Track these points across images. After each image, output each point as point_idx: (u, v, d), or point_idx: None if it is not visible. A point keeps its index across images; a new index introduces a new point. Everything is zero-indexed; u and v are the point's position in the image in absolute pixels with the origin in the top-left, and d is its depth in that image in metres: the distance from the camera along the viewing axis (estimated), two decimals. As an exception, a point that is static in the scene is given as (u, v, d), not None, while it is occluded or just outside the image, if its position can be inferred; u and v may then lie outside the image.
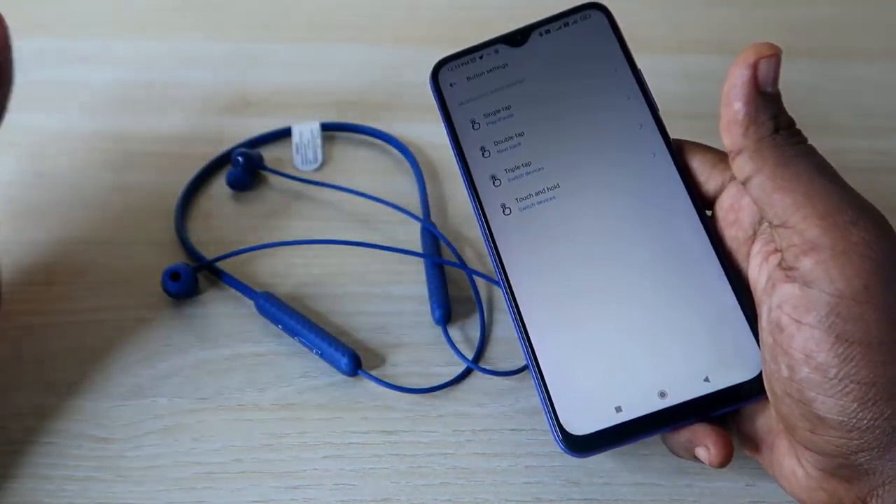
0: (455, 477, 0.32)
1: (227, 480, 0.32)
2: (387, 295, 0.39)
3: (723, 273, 0.28)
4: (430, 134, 0.48)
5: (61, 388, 0.35)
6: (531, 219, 0.31)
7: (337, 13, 0.59)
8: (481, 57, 0.34)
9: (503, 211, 0.31)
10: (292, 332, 0.36)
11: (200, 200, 0.44)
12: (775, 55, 0.25)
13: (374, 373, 0.35)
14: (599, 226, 0.30)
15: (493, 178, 0.32)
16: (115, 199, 0.44)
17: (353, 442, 0.33)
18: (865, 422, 0.24)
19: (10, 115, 0.36)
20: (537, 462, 0.33)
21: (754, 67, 0.25)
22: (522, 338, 0.29)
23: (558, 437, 0.28)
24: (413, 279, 0.39)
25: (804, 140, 0.25)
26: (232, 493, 0.32)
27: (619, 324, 0.29)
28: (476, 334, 0.37)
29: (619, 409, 0.28)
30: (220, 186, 0.45)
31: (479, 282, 0.39)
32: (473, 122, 0.33)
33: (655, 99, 0.33)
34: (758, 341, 0.27)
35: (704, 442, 0.28)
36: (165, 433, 0.34)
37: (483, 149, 0.32)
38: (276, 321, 0.37)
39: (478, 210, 0.31)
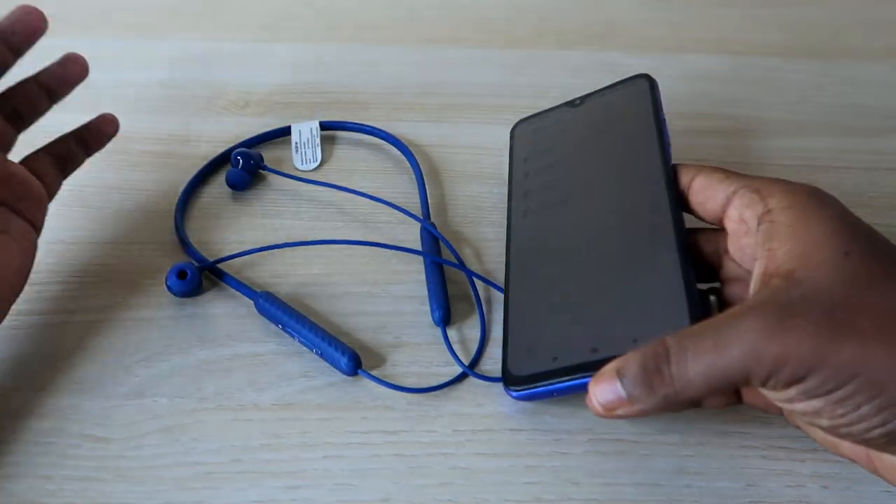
0: (455, 477, 0.32)
1: (227, 480, 0.32)
2: (387, 295, 0.39)
3: (676, 257, 0.32)
4: (430, 134, 0.48)
5: (61, 388, 0.35)
6: (540, 217, 0.38)
7: (337, 13, 0.59)
8: (548, 116, 0.43)
9: (524, 215, 0.39)
10: (292, 332, 0.36)
11: (200, 200, 0.44)
12: (595, 384, 0.29)
13: (374, 373, 0.35)
14: (586, 227, 0.36)
15: (527, 192, 0.40)
16: (115, 199, 0.44)
17: (353, 442, 0.33)
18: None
19: (10, 115, 0.37)
20: (537, 462, 0.33)
21: (603, 405, 0.28)
22: (505, 297, 0.36)
23: (502, 377, 0.33)
24: (413, 279, 0.39)
25: (665, 360, 0.27)
26: (232, 493, 0.32)
27: (574, 292, 0.33)
28: (475, 334, 0.37)
29: (555, 359, 0.31)
30: (220, 186, 0.45)
31: (479, 282, 0.39)
32: (526, 159, 0.42)
33: (669, 132, 0.38)
34: (690, 311, 0.30)
35: None
36: (165, 433, 0.34)
37: (526, 173, 0.41)
38: (275, 321, 0.37)
39: (509, 214, 0.39)
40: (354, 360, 0.35)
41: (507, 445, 0.33)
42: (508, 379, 0.32)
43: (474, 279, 0.39)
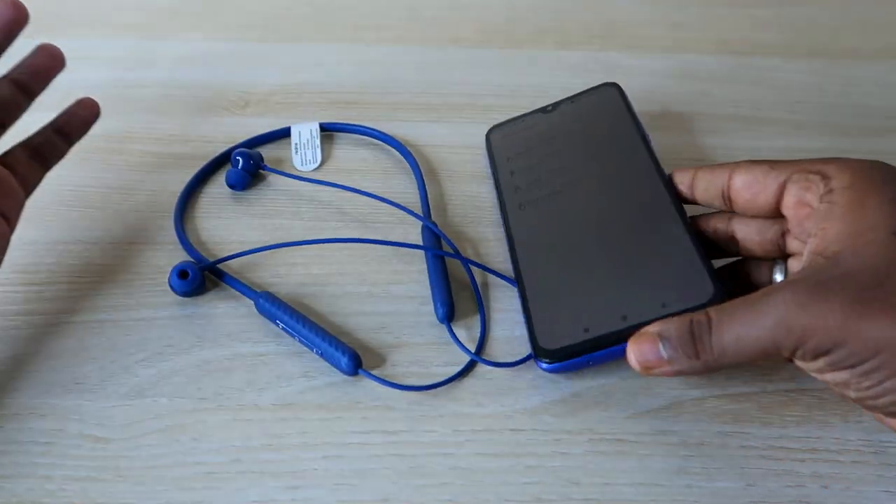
0: (455, 477, 0.32)
1: (227, 480, 0.32)
2: (387, 295, 0.39)
3: (685, 232, 0.35)
4: (430, 134, 0.48)
5: (61, 388, 0.35)
6: (537, 208, 0.40)
7: (337, 13, 0.59)
8: (522, 121, 0.46)
9: (519, 207, 0.41)
10: (292, 332, 0.36)
11: (200, 200, 0.44)
12: (637, 344, 0.31)
13: (374, 372, 0.35)
14: (587, 213, 0.38)
15: (517, 188, 0.42)
16: (115, 199, 0.44)
17: (353, 442, 0.33)
18: None
19: (10, 115, 0.37)
20: (537, 462, 0.33)
21: (643, 365, 0.30)
22: (518, 280, 0.37)
23: (533, 352, 0.34)
24: (413, 279, 0.39)
25: (706, 330, 0.29)
26: (232, 493, 0.32)
27: (590, 269, 0.36)
28: (475, 334, 0.37)
29: (586, 330, 0.33)
30: (220, 186, 0.45)
31: (480, 280, 0.39)
32: (509, 159, 0.44)
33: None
34: (710, 276, 0.32)
35: None
36: (165, 433, 0.34)
37: (512, 172, 0.43)
38: (276, 321, 0.37)
39: (503, 208, 0.41)
40: (355, 359, 0.35)
41: (507, 445, 0.33)
42: (543, 353, 0.33)
43: (472, 271, 0.39)
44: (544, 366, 0.33)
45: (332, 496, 0.32)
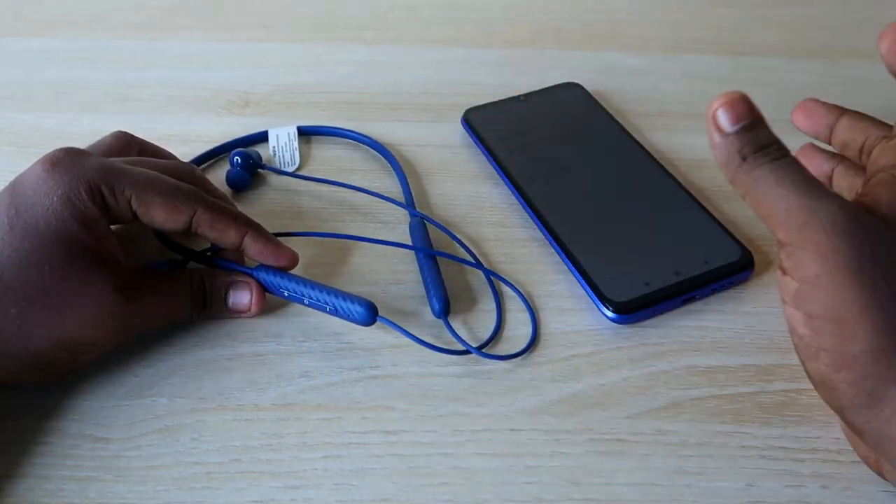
0: (455, 477, 0.32)
1: (227, 480, 0.32)
2: (386, 294, 0.39)
3: (697, 204, 0.42)
4: (429, 134, 0.48)
5: (61, 388, 0.35)
6: (550, 182, 0.43)
7: (337, 13, 0.59)
8: (498, 105, 0.49)
9: (531, 180, 0.43)
10: (300, 295, 0.36)
11: (200, 200, 0.44)
12: (729, 102, 0.31)
13: (373, 372, 0.35)
14: (603, 187, 0.43)
15: (522, 163, 0.44)
16: (114, 199, 0.44)
17: (353, 442, 0.33)
18: (837, 383, 0.27)
19: (10, 115, 0.36)
20: (537, 462, 0.33)
21: (713, 117, 0.30)
22: (561, 250, 0.40)
23: (605, 306, 0.37)
24: (411, 278, 0.39)
25: (769, 159, 0.30)
26: (232, 493, 0.32)
27: (630, 233, 0.40)
28: (474, 328, 0.37)
29: (647, 284, 0.37)
30: (219, 186, 0.44)
31: (480, 278, 0.39)
32: (499, 137, 0.46)
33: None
34: (733, 238, 0.39)
35: None
36: (165, 433, 0.34)
37: (510, 150, 0.45)
38: (279, 289, 0.36)
39: (513, 181, 0.43)
40: (371, 308, 0.34)
41: (507, 445, 0.33)
42: (616, 306, 0.36)
43: (477, 273, 0.39)
44: (615, 316, 0.36)
45: (332, 496, 0.32)
